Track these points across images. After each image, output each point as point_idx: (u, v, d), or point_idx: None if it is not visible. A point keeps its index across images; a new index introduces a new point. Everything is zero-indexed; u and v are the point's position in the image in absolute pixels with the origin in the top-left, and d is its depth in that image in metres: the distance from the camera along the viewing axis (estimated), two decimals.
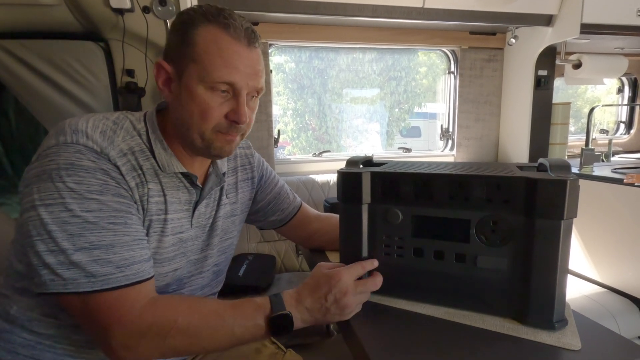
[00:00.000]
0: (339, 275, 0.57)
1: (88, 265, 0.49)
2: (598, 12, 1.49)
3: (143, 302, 0.53)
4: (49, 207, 0.49)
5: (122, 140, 0.57)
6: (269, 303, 0.56)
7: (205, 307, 0.55)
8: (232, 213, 0.76)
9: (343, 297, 0.56)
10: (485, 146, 1.99)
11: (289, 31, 1.64)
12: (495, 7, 1.53)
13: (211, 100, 0.58)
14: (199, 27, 0.57)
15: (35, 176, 0.51)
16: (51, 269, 0.49)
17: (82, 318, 0.52)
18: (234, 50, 0.57)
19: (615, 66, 1.86)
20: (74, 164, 0.51)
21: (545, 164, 0.57)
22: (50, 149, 0.52)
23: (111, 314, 0.50)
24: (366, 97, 2.03)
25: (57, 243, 0.49)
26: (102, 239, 0.51)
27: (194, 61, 0.57)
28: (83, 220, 0.50)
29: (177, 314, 0.52)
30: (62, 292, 0.49)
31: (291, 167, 1.81)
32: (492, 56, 1.90)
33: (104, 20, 1.16)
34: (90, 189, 0.51)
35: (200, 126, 0.59)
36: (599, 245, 1.50)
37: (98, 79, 1.21)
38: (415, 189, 0.58)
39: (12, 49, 1.15)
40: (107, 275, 0.50)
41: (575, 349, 0.48)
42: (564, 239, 0.50)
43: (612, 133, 2.38)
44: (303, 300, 0.57)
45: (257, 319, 0.55)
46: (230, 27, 0.57)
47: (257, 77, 0.61)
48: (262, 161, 0.84)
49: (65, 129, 0.54)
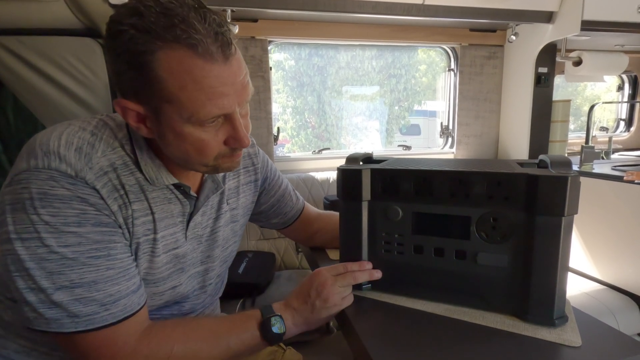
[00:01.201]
0: (319, 273, 0.61)
1: (70, 305, 0.46)
2: (598, 9, 1.49)
3: (136, 336, 0.51)
4: (25, 241, 0.46)
5: (101, 155, 0.50)
6: (259, 312, 0.58)
7: (200, 328, 0.55)
8: (232, 219, 0.70)
9: (323, 289, 0.58)
10: (485, 144, 1.99)
11: (288, 28, 1.63)
12: (495, 4, 1.53)
13: (204, 135, 0.50)
14: (156, 55, 0.44)
15: (9, 204, 0.46)
16: (32, 308, 0.46)
17: (73, 354, 0.50)
18: (214, 76, 0.46)
19: (615, 63, 1.85)
20: (47, 194, 0.46)
21: (546, 160, 0.57)
22: (22, 174, 0.47)
23: (102, 353, 0.48)
24: (366, 95, 2.02)
25: (35, 282, 0.45)
26: (83, 276, 0.47)
27: (169, 102, 0.47)
28: (61, 257, 0.46)
29: (172, 342, 0.52)
30: (46, 330, 0.47)
31: (291, 164, 1.81)
32: (492, 53, 1.89)
33: (103, 17, 1.15)
34: (67, 220, 0.47)
35: (200, 160, 0.53)
36: (598, 243, 1.50)
37: (96, 76, 1.21)
38: (416, 186, 0.58)
39: (10, 46, 1.14)
40: (92, 315, 0.47)
41: (575, 345, 0.48)
42: (565, 235, 0.50)
43: (612, 131, 2.38)
44: (291, 303, 0.60)
45: (250, 329, 0.56)
46: (198, 45, 0.44)
47: (244, 89, 0.51)
48: (266, 161, 0.79)
49: (36, 149, 0.47)
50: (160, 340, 0.52)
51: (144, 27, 0.44)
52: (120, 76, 0.48)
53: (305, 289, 0.60)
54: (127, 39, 0.44)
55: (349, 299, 0.62)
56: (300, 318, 0.59)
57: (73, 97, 1.20)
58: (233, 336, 0.55)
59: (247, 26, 1.56)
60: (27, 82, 1.17)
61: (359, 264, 0.64)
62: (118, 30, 0.45)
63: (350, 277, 0.62)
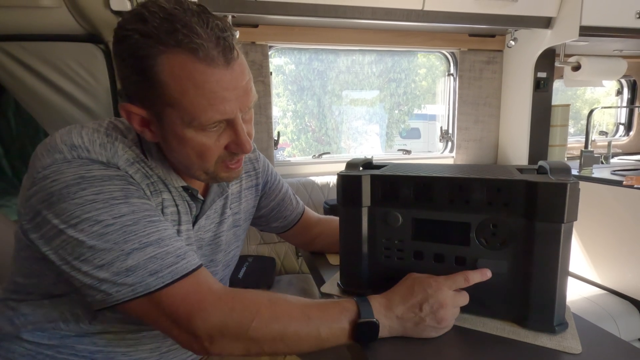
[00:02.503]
0: (437, 283, 0.52)
1: (148, 263, 0.46)
2: (597, 14, 1.50)
3: (217, 286, 0.50)
4: (76, 226, 0.45)
5: (122, 151, 0.52)
6: (355, 307, 0.52)
7: (287, 301, 0.51)
8: (235, 224, 0.71)
9: (440, 308, 0.50)
10: (485, 148, 1.99)
11: (288, 33, 1.64)
12: (494, 9, 1.54)
13: (206, 139, 0.51)
14: (159, 59, 0.45)
15: (42, 202, 0.46)
16: (111, 282, 0.45)
17: (158, 320, 0.48)
18: (215, 80, 0.47)
19: (614, 68, 1.86)
20: (84, 177, 0.46)
21: (545, 166, 0.57)
22: (48, 170, 0.46)
23: (191, 302, 0.47)
24: (366, 99, 2.03)
25: (103, 257, 0.45)
26: (149, 236, 0.47)
27: (172, 106, 0.48)
28: (121, 225, 0.46)
29: (259, 305, 0.49)
30: (130, 298, 0.46)
31: (291, 168, 1.81)
32: (491, 58, 1.90)
33: (105, 23, 1.16)
34: (113, 195, 0.47)
35: (201, 165, 0.53)
36: (598, 247, 1.50)
37: (98, 82, 1.21)
38: (415, 192, 0.58)
39: (12, 51, 1.15)
40: (172, 266, 0.47)
41: (575, 352, 0.48)
42: (565, 242, 0.50)
43: (611, 135, 2.39)
44: (394, 308, 0.52)
45: (342, 322, 0.51)
46: (199, 49, 0.45)
47: (247, 94, 0.51)
48: (267, 165, 0.79)
49: (59, 146, 0.48)
50: (245, 300, 0.49)
51: (147, 32, 0.45)
52: (125, 80, 0.49)
53: (418, 299, 0.52)
54: (131, 43, 0.45)
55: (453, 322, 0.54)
56: (400, 328, 0.52)
57: (75, 103, 1.21)
58: (325, 323, 0.50)
59: (248, 32, 1.57)
60: (29, 87, 1.17)
61: (481, 272, 0.54)
62: (123, 35, 0.46)
63: (466, 297, 0.54)
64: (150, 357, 0.60)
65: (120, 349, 0.58)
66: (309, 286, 1.46)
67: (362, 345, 0.51)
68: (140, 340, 0.59)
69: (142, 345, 0.59)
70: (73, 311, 0.55)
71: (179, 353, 0.64)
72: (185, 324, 0.47)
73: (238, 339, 0.47)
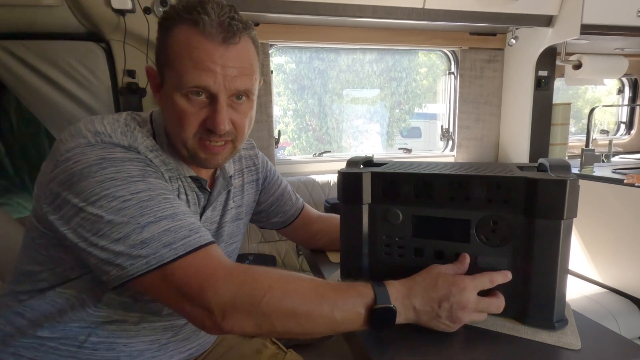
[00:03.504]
0: (463, 283, 0.50)
1: (162, 235, 0.48)
2: (598, 12, 1.49)
3: (228, 261, 0.50)
4: (95, 203, 0.47)
5: (142, 139, 0.56)
6: (372, 292, 0.50)
7: (301, 279, 0.51)
8: (237, 217, 0.74)
9: (460, 310, 0.49)
10: (486, 147, 1.99)
11: (289, 32, 1.64)
12: (495, 7, 1.53)
13: (187, 107, 0.54)
14: (173, 29, 0.54)
15: (63, 183, 0.49)
16: (127, 254, 0.47)
17: (170, 295, 0.49)
18: (205, 50, 0.52)
19: (615, 67, 1.86)
20: (105, 158, 0.50)
21: (545, 164, 0.57)
22: (71, 152, 0.50)
23: (202, 274, 0.48)
24: (366, 98, 2.03)
25: (120, 230, 0.47)
26: (164, 210, 0.49)
27: (170, 67, 0.54)
28: (138, 201, 0.49)
29: (270, 280, 0.49)
30: (144, 271, 0.47)
31: (292, 167, 1.81)
32: (492, 57, 1.90)
33: (105, 21, 1.17)
34: (132, 174, 0.50)
35: (179, 134, 0.56)
36: (599, 246, 1.50)
37: (99, 80, 1.22)
38: (416, 189, 0.58)
39: (14, 50, 1.15)
40: (185, 239, 0.49)
41: (575, 348, 0.48)
42: (564, 238, 0.50)
43: (612, 133, 2.38)
44: (412, 297, 0.51)
45: (357, 307, 0.49)
46: (200, 22, 0.51)
47: (236, 77, 0.54)
48: (266, 161, 0.82)
49: (83, 132, 0.52)
50: (257, 275, 0.49)
51: (176, 9, 0.54)
52: (156, 49, 0.58)
53: (438, 295, 0.50)
54: (164, 18, 0.56)
55: None
56: (415, 317, 0.51)
57: (76, 101, 1.21)
58: (339, 305, 0.49)
59: None
60: (30, 85, 1.18)
61: (503, 275, 0.53)
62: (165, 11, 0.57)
63: (495, 306, 0.52)
64: (150, 349, 0.61)
65: (121, 340, 0.59)
66: None
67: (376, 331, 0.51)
68: (140, 331, 0.60)
69: (143, 337, 0.60)
70: (80, 296, 0.56)
71: (178, 345, 0.65)
72: (197, 297, 0.47)
73: (250, 313, 0.47)
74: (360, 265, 0.63)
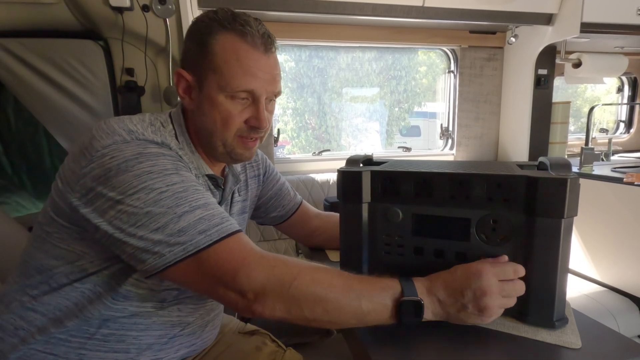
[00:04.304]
0: (481, 270, 0.50)
1: (197, 223, 0.51)
2: (598, 11, 1.49)
3: (259, 248, 0.53)
4: (132, 195, 0.50)
5: (170, 138, 0.60)
6: (398, 285, 0.51)
7: (330, 270, 0.53)
8: (243, 210, 0.78)
9: (483, 296, 0.49)
10: (485, 145, 1.99)
11: (288, 30, 1.63)
12: (495, 6, 1.53)
13: (232, 108, 0.61)
14: (217, 36, 0.59)
15: (99, 177, 0.51)
16: (165, 242, 0.50)
17: (204, 280, 0.51)
18: (252, 59, 0.60)
19: (615, 65, 1.85)
20: (142, 153, 0.53)
21: (546, 162, 0.57)
22: (107, 148, 0.52)
23: (235, 259, 0.50)
24: (366, 96, 2.03)
25: (158, 220, 0.50)
26: (197, 200, 0.53)
27: (214, 71, 0.60)
28: (174, 192, 0.52)
29: (299, 267, 0.51)
30: (181, 258, 0.50)
31: (291, 166, 1.81)
32: (492, 55, 1.90)
33: (104, 19, 1.16)
34: (167, 167, 0.53)
35: (222, 133, 0.62)
36: (598, 245, 1.50)
37: (97, 78, 1.21)
38: (416, 188, 0.58)
39: (11, 48, 1.14)
40: (219, 226, 0.52)
41: (575, 347, 0.48)
42: (565, 237, 0.50)
43: (611, 132, 2.38)
44: (435, 291, 0.52)
45: (385, 298, 0.50)
46: (248, 35, 0.59)
47: (275, 82, 0.63)
48: (265, 158, 0.87)
49: (118, 130, 0.55)
50: (287, 261, 0.52)
51: (215, 19, 0.61)
52: (186, 52, 0.64)
53: (460, 284, 0.51)
54: (201, 26, 0.61)
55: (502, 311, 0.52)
56: (442, 311, 0.52)
57: (74, 99, 1.21)
58: (367, 296, 0.50)
59: None
60: (28, 84, 1.17)
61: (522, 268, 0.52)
62: (197, 20, 0.63)
63: (519, 287, 0.52)
64: (158, 342, 0.62)
65: (132, 333, 0.60)
66: None
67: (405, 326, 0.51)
68: (150, 325, 0.61)
69: (152, 331, 0.61)
70: (96, 290, 0.57)
71: (184, 340, 0.66)
72: (231, 280, 0.49)
73: (280, 296, 0.49)
74: (360, 264, 0.63)
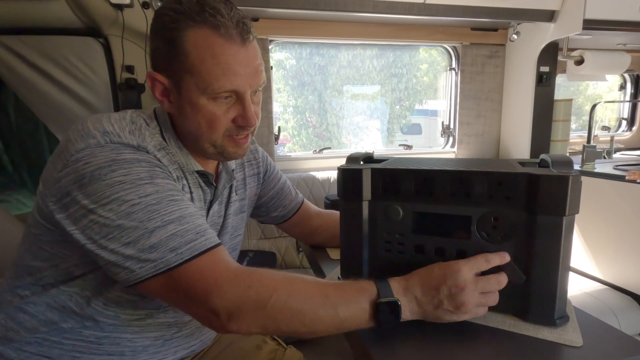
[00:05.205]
0: (456, 266, 0.51)
1: (169, 240, 0.49)
2: (600, 7, 1.48)
3: (234, 265, 0.51)
4: (106, 206, 0.48)
5: (150, 137, 0.56)
6: (374, 287, 0.51)
7: (304, 280, 0.51)
8: (241, 210, 0.75)
9: (460, 292, 0.49)
10: (487, 143, 1.98)
11: (289, 27, 1.63)
12: (496, 2, 1.52)
13: (216, 109, 0.56)
14: (186, 32, 0.53)
15: (73, 183, 0.49)
16: (135, 259, 0.48)
17: (178, 297, 0.50)
18: (230, 54, 0.54)
19: (617, 62, 1.84)
20: (115, 160, 0.50)
21: (547, 160, 0.57)
22: (81, 152, 0.50)
23: (208, 279, 0.48)
24: (367, 94, 2.02)
25: (129, 234, 0.48)
26: (171, 214, 0.50)
27: (190, 73, 0.54)
28: (145, 205, 0.49)
29: (275, 282, 0.49)
30: (153, 274, 0.48)
31: (292, 164, 1.81)
32: (493, 52, 1.89)
33: (103, 16, 1.16)
34: (140, 176, 0.50)
35: (210, 136, 0.58)
36: (600, 243, 1.49)
37: (97, 75, 1.21)
38: (416, 186, 0.58)
39: (11, 45, 1.14)
40: (191, 243, 0.49)
41: (576, 345, 0.48)
42: (566, 235, 0.50)
43: (614, 130, 2.37)
44: (412, 289, 0.51)
45: (362, 302, 0.50)
46: (221, 26, 0.53)
47: (258, 74, 0.58)
48: (266, 156, 0.84)
49: (93, 132, 0.51)
50: (262, 278, 0.50)
51: (180, 10, 0.53)
52: (155, 52, 0.57)
53: (436, 282, 0.51)
54: (165, 19, 0.54)
55: (484, 310, 0.52)
56: (419, 310, 0.51)
57: (74, 96, 1.20)
58: (343, 302, 0.49)
59: None
60: (28, 81, 1.17)
61: (500, 256, 0.52)
62: (160, 13, 0.55)
63: (495, 282, 0.51)
64: (154, 344, 0.61)
65: (126, 335, 0.59)
66: None
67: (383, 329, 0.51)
68: (145, 327, 0.60)
69: (148, 333, 0.61)
70: (83, 294, 0.56)
71: (181, 341, 0.65)
72: (203, 300, 0.48)
73: (256, 315, 0.48)
74: (360, 262, 0.63)
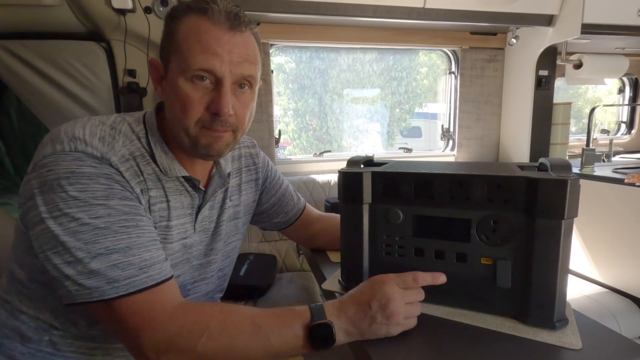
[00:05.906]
0: (382, 278, 0.53)
1: (109, 270, 0.48)
2: (599, 12, 1.49)
3: (173, 304, 0.50)
4: (57, 219, 0.48)
5: (122, 145, 0.55)
6: (308, 312, 0.52)
7: (238, 313, 0.51)
8: (235, 216, 0.74)
9: (388, 302, 0.50)
10: (486, 146, 1.99)
11: (290, 31, 1.64)
12: (496, 7, 1.53)
13: (192, 91, 0.54)
14: (181, 18, 0.55)
15: (37, 188, 0.49)
16: (72, 280, 0.47)
17: (112, 324, 0.50)
18: (213, 36, 0.53)
19: (616, 66, 1.85)
20: (74, 172, 0.49)
21: (546, 163, 0.57)
22: (47, 158, 0.50)
23: (141, 318, 0.48)
24: (367, 97, 2.03)
25: (72, 254, 0.47)
26: (117, 243, 0.49)
27: (175, 52, 0.55)
28: (94, 227, 0.48)
29: (209, 318, 0.49)
30: (88, 301, 0.47)
31: (292, 167, 1.81)
32: (492, 56, 1.90)
33: (106, 21, 1.17)
34: (96, 195, 0.49)
35: (182, 121, 0.55)
36: (600, 245, 1.50)
37: (100, 80, 1.22)
38: (416, 189, 0.58)
39: (15, 49, 1.15)
40: (131, 278, 0.48)
41: (576, 348, 0.48)
42: (565, 238, 0.50)
43: (613, 133, 2.38)
44: (346, 309, 0.52)
45: (295, 328, 0.50)
46: (209, 10, 0.53)
47: (244, 63, 0.56)
48: (267, 161, 0.82)
49: (62, 136, 0.51)
50: (196, 314, 0.50)
51: (182, 2, 0.57)
52: (161, 41, 0.59)
53: (366, 298, 0.52)
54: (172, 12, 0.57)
55: (413, 321, 0.53)
56: (354, 329, 0.51)
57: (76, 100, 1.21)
58: (275, 331, 0.50)
59: None
60: (30, 85, 1.18)
61: (433, 276, 0.55)
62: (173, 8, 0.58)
63: (420, 293, 0.54)
64: None
65: (118, 345, 0.59)
66: (310, 284, 1.47)
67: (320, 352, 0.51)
68: None
69: None
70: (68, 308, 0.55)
71: None
72: (135, 338, 0.48)
73: (186, 355, 0.48)
74: (360, 265, 0.63)
